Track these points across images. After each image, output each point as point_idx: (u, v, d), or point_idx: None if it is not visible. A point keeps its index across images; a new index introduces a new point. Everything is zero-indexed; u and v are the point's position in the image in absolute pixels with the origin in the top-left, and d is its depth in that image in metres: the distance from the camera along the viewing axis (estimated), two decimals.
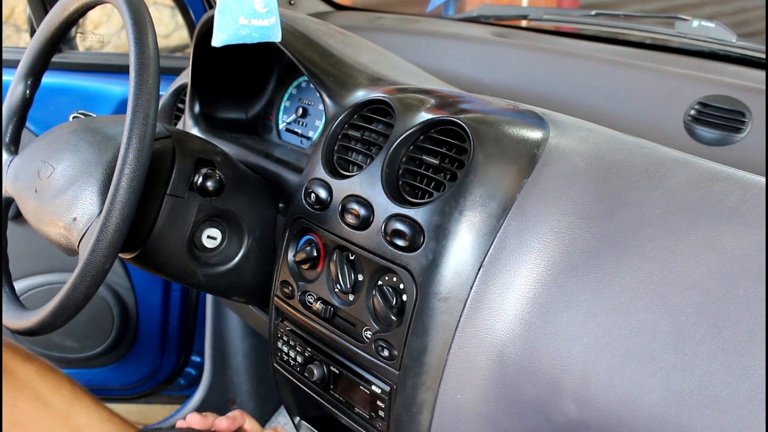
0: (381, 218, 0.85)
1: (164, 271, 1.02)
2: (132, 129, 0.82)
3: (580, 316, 0.73)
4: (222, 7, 0.83)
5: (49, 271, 1.79)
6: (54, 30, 1.00)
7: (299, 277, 0.97)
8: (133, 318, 1.89)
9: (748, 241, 0.68)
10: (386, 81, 1.06)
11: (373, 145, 0.92)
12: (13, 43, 3.13)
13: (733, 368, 0.64)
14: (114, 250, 0.83)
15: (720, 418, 0.63)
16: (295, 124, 1.24)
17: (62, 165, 0.94)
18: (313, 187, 0.93)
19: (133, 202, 0.82)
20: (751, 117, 1.08)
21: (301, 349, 0.98)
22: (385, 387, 0.86)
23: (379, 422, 0.88)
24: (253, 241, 1.03)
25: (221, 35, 0.84)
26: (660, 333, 0.68)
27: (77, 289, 0.84)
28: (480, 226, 0.79)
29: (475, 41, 1.50)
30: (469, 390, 0.79)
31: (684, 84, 1.18)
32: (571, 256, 0.75)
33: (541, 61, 1.35)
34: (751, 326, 0.64)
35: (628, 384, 0.68)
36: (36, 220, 0.97)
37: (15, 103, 1.04)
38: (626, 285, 0.71)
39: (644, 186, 0.76)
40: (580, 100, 1.25)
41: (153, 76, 0.83)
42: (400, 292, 0.84)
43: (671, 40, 1.43)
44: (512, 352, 0.76)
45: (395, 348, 0.83)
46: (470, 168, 0.81)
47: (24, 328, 0.90)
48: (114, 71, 1.78)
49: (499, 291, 0.77)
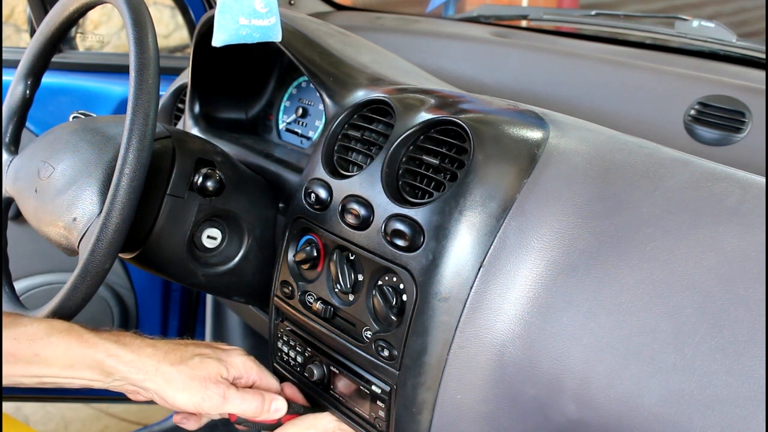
0: (381, 218, 0.85)
1: (164, 271, 1.02)
2: (132, 129, 0.82)
3: (580, 316, 0.73)
4: (222, 7, 0.83)
5: (49, 271, 1.79)
6: (54, 30, 1.00)
7: (299, 277, 0.97)
8: (133, 318, 1.89)
9: (748, 241, 0.68)
10: (386, 81, 1.06)
11: (373, 145, 0.92)
12: (13, 43, 3.13)
13: (733, 368, 0.64)
14: (114, 250, 0.83)
15: (720, 418, 0.63)
16: (295, 124, 1.24)
17: (62, 165, 0.94)
18: (313, 187, 0.93)
19: (133, 202, 0.82)
20: (751, 117, 1.08)
21: (301, 349, 0.98)
22: (385, 387, 0.86)
23: (379, 422, 0.88)
24: (253, 241, 1.03)
25: (222, 35, 0.84)
26: (660, 333, 0.68)
27: (77, 289, 0.84)
28: (480, 226, 0.79)
29: (475, 41, 1.50)
30: (469, 390, 0.79)
31: (684, 84, 1.18)
32: (571, 256, 0.75)
33: (541, 61, 1.35)
34: (751, 326, 0.64)
35: (628, 384, 0.68)
36: (36, 220, 0.97)
37: (15, 103, 1.04)
38: (626, 285, 0.71)
39: (644, 186, 0.76)
40: (580, 100, 1.25)
41: (153, 76, 0.83)
42: (400, 292, 0.84)
43: (671, 40, 1.43)
44: (512, 352, 0.76)
45: (395, 348, 0.83)
46: (470, 168, 0.81)
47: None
48: (114, 71, 1.78)
49: (499, 291, 0.77)
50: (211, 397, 0.84)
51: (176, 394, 0.83)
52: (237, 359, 0.90)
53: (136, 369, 0.83)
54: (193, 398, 0.84)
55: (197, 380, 0.84)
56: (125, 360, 0.83)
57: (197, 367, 0.85)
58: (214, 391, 0.85)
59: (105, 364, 0.82)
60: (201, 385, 0.84)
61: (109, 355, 0.82)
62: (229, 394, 0.86)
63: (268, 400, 0.89)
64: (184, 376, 0.84)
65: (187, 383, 0.84)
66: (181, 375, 0.84)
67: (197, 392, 0.84)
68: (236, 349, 0.93)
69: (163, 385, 0.83)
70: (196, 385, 0.84)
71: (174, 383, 0.83)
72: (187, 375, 0.84)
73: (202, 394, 0.84)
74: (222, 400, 0.85)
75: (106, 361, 0.82)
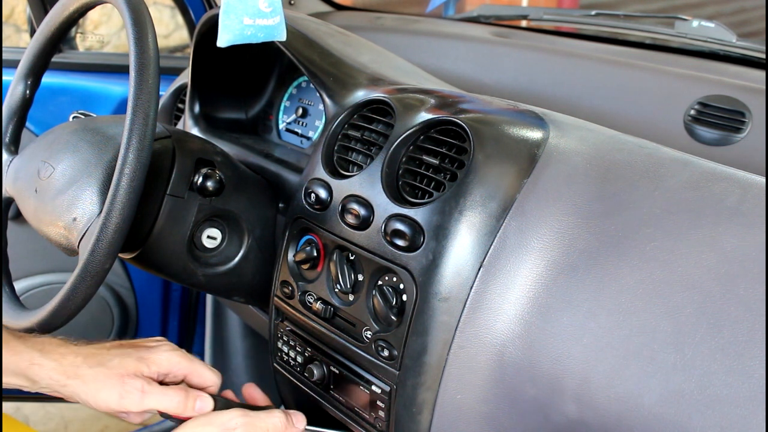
0: (381, 218, 0.85)
1: (164, 271, 1.02)
2: (132, 129, 0.82)
3: (580, 316, 0.73)
4: (227, 8, 0.83)
5: (49, 271, 1.79)
6: (54, 30, 1.00)
7: (299, 277, 0.97)
8: (133, 318, 1.89)
9: (748, 241, 0.68)
10: (386, 81, 1.06)
11: (373, 145, 0.92)
12: (13, 43, 3.13)
13: (733, 368, 0.64)
14: (114, 250, 0.83)
15: (720, 418, 0.63)
16: (295, 124, 1.24)
17: (62, 165, 0.94)
18: (313, 187, 0.93)
19: (133, 202, 0.82)
20: (751, 117, 1.08)
21: (301, 349, 0.98)
22: (385, 387, 0.86)
23: (379, 422, 0.88)
24: (253, 241, 1.03)
25: (227, 35, 0.84)
26: (660, 333, 0.68)
27: (77, 289, 0.84)
28: (480, 226, 0.79)
29: (475, 41, 1.50)
30: (469, 390, 0.79)
31: (684, 84, 1.18)
32: (571, 256, 0.75)
33: (541, 61, 1.35)
34: (751, 326, 0.64)
35: (628, 384, 0.68)
36: (36, 220, 0.97)
37: (15, 103, 1.04)
38: (626, 285, 0.71)
39: (644, 186, 0.76)
40: (580, 100, 1.25)
41: (153, 76, 0.83)
42: (400, 292, 0.84)
43: (671, 40, 1.43)
44: (512, 352, 0.76)
45: (395, 348, 0.83)
46: (470, 168, 0.81)
47: (24, 328, 0.90)
48: (114, 71, 1.78)
49: (499, 291, 0.77)
50: (129, 392, 0.84)
51: (96, 394, 0.84)
52: (161, 355, 0.89)
53: (57, 375, 0.84)
54: (111, 395, 0.84)
55: (114, 378, 0.84)
56: (48, 367, 0.84)
57: (115, 366, 0.85)
58: (132, 386, 0.84)
59: (29, 372, 0.84)
60: (119, 382, 0.84)
61: (32, 363, 0.84)
62: (148, 389, 0.85)
63: (192, 396, 0.87)
64: (102, 376, 0.84)
65: (105, 382, 0.84)
66: (99, 375, 0.84)
67: (114, 389, 0.84)
68: (163, 345, 0.91)
69: (83, 387, 0.84)
70: (114, 383, 0.84)
71: (92, 384, 0.84)
72: (104, 374, 0.84)
73: (119, 390, 0.84)
74: (141, 395, 0.84)
75: (29, 369, 0.84)
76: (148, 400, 0.85)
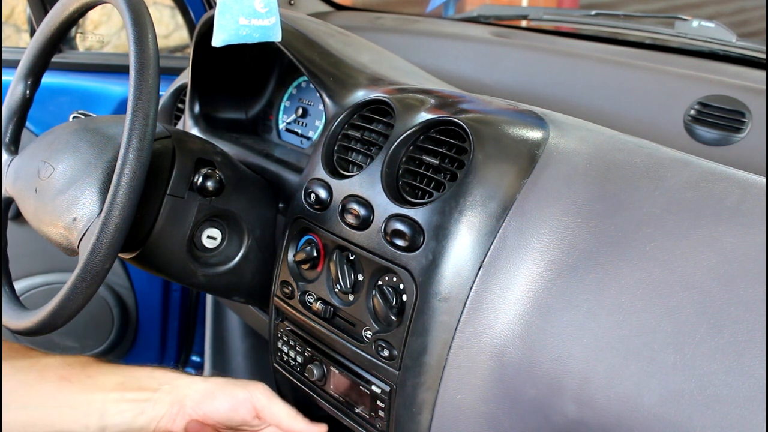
0: (381, 218, 0.85)
1: (164, 271, 1.02)
2: (132, 129, 0.82)
3: (580, 316, 0.73)
4: (222, 8, 0.83)
5: (49, 271, 1.79)
6: (54, 30, 1.00)
7: (299, 277, 0.97)
8: (133, 318, 1.89)
9: (748, 241, 0.68)
10: (386, 81, 1.06)
11: (373, 145, 0.92)
12: (13, 43, 3.12)
13: (733, 368, 0.63)
14: (114, 250, 0.83)
15: (720, 418, 0.63)
16: (295, 124, 1.24)
17: (62, 165, 0.94)
18: (313, 187, 0.93)
19: (133, 202, 0.82)
20: (751, 117, 1.08)
21: (301, 349, 0.98)
22: (385, 387, 0.86)
23: (379, 422, 0.88)
24: (253, 241, 1.03)
25: (221, 35, 0.84)
26: (660, 333, 0.68)
27: (77, 289, 0.84)
28: (480, 226, 0.79)
29: (475, 41, 1.50)
30: (469, 390, 0.79)
31: (684, 84, 1.18)
32: (571, 256, 0.75)
33: (541, 61, 1.35)
34: (751, 326, 0.64)
35: (628, 384, 0.68)
36: (36, 220, 0.97)
37: (15, 103, 1.03)
38: (626, 285, 0.71)
39: (644, 186, 0.76)
40: (580, 100, 1.25)
41: (153, 76, 0.83)
42: (400, 292, 0.84)
43: (671, 40, 1.43)
44: (512, 352, 0.76)
45: (395, 348, 0.83)
46: (470, 168, 0.81)
47: (24, 328, 0.90)
48: (114, 71, 1.78)
49: (499, 291, 0.77)
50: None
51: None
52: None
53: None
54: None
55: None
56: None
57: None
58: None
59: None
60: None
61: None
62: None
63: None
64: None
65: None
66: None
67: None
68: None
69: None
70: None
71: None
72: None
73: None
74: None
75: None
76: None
